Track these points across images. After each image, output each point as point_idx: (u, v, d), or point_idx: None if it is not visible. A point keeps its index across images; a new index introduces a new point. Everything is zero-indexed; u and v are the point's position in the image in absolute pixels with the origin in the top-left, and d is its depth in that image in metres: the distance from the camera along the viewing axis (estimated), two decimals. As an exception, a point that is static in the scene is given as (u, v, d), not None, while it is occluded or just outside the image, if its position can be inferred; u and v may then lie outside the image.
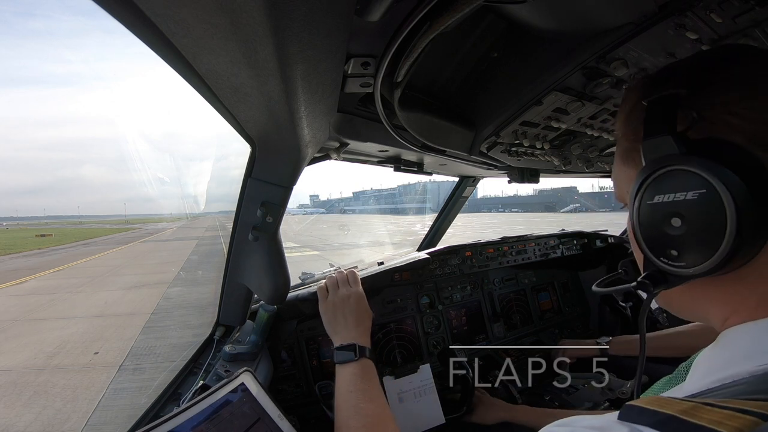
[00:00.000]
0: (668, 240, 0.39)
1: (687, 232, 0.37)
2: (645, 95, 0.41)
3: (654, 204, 0.39)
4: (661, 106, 0.39)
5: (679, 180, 0.37)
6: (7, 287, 10.75)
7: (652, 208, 0.39)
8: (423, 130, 0.87)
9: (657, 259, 0.40)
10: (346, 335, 0.94)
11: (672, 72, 0.44)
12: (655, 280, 0.42)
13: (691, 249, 0.37)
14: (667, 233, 0.38)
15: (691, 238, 0.37)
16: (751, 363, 0.33)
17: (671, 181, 0.37)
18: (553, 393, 1.50)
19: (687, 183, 0.36)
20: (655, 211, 0.39)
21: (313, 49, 0.47)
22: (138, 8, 0.37)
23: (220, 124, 0.74)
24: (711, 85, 0.39)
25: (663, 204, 0.38)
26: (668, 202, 0.38)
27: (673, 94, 0.39)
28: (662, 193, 0.38)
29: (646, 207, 0.40)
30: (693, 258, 0.37)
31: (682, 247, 0.38)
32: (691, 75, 0.41)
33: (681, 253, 0.38)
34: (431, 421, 1.27)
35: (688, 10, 0.57)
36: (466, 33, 0.78)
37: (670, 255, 0.39)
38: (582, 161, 1.33)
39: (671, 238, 0.38)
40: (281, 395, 1.32)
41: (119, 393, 4.16)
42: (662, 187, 0.38)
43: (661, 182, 0.38)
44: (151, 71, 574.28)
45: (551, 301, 2.10)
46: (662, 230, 0.39)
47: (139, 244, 25.72)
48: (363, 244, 18.95)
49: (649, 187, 0.39)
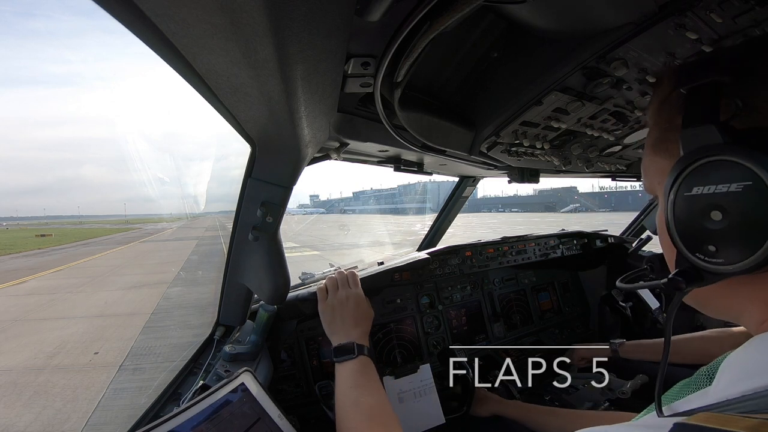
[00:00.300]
0: (706, 235, 0.37)
1: (728, 227, 0.35)
2: (682, 83, 0.40)
3: (693, 196, 0.37)
4: (702, 94, 0.38)
5: (722, 171, 0.35)
6: (7, 287, 10.75)
7: (690, 201, 0.37)
8: (423, 130, 0.87)
9: (692, 254, 0.38)
10: (345, 336, 0.94)
11: (715, 59, 0.42)
12: (688, 277, 0.39)
13: (732, 245, 0.35)
14: (706, 227, 0.36)
15: (732, 233, 0.35)
16: None
17: (713, 172, 0.35)
18: (553, 393, 1.50)
19: (731, 174, 0.34)
20: (693, 204, 0.37)
21: (313, 49, 0.47)
22: (138, 8, 0.37)
23: (220, 124, 0.74)
24: (757, 72, 0.37)
25: (703, 196, 0.36)
26: (709, 194, 0.36)
27: (716, 82, 0.37)
28: (702, 185, 0.36)
29: (683, 199, 0.38)
30: (733, 254, 0.35)
31: (722, 242, 0.36)
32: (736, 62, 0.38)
33: (720, 249, 0.36)
34: (431, 421, 1.27)
35: (688, 10, 0.57)
36: (466, 33, 0.78)
37: (707, 251, 0.37)
38: (582, 161, 1.33)
39: (710, 233, 0.36)
40: (281, 395, 1.32)
41: (119, 393, 4.16)
42: (703, 178, 0.36)
43: (702, 173, 0.36)
44: (151, 71, 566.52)
45: (551, 301, 2.10)
46: (700, 224, 0.37)
47: (139, 244, 25.72)
48: (363, 244, 18.96)
49: (688, 178, 0.37)
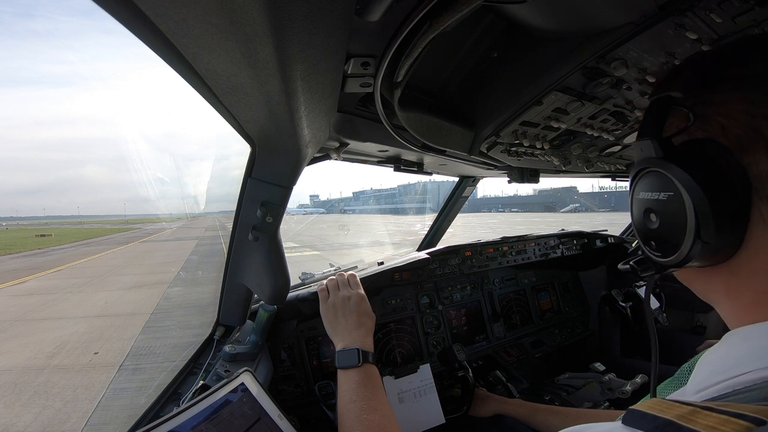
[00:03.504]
0: (649, 232, 0.43)
1: (659, 227, 0.41)
2: (650, 95, 0.44)
3: (639, 199, 0.44)
4: (655, 108, 0.42)
5: (656, 181, 0.40)
6: (7, 287, 10.75)
7: (638, 203, 0.44)
8: (423, 130, 0.87)
9: (645, 246, 0.45)
10: (347, 337, 0.93)
11: (675, 73, 0.45)
12: (643, 265, 0.46)
13: (663, 242, 0.41)
14: (647, 226, 0.43)
15: (662, 233, 0.41)
16: (763, 366, 0.32)
17: (650, 181, 0.41)
18: (553, 393, 1.50)
19: (661, 184, 0.40)
20: (639, 205, 0.44)
21: (313, 49, 0.47)
22: (138, 8, 0.37)
23: (220, 124, 0.74)
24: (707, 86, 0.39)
25: (644, 200, 0.43)
26: (648, 199, 0.42)
27: (668, 96, 0.41)
28: (645, 191, 0.42)
29: (635, 200, 0.44)
30: (664, 250, 0.41)
31: (657, 239, 0.42)
32: (690, 76, 0.42)
33: (657, 245, 0.42)
34: (431, 421, 1.27)
35: (688, 10, 0.57)
36: (466, 33, 0.78)
37: (651, 245, 0.43)
38: (582, 161, 1.33)
39: (650, 231, 0.43)
40: (281, 395, 1.31)
41: (119, 393, 4.16)
42: (645, 185, 0.42)
43: (644, 181, 0.42)
44: (151, 71, 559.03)
45: (551, 301, 2.10)
46: (645, 222, 0.43)
47: (139, 244, 25.72)
48: (363, 244, 18.97)
49: (638, 183, 0.44)
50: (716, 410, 0.28)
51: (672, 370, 0.75)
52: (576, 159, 1.28)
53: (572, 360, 1.93)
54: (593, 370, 1.62)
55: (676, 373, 0.75)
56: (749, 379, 0.32)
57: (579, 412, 1.15)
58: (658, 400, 0.33)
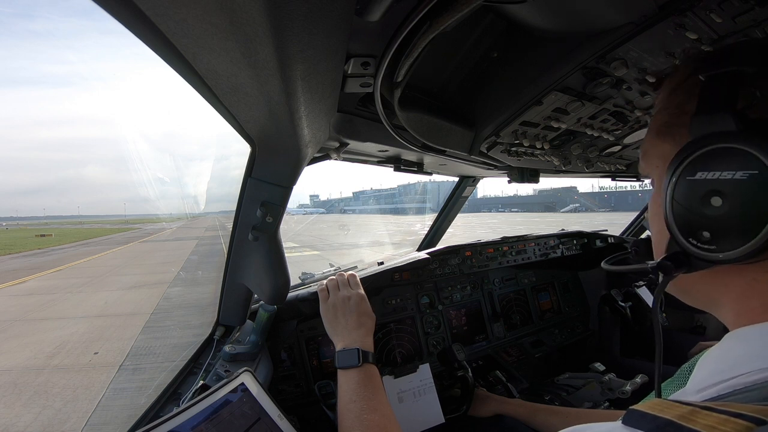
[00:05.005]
0: (703, 220, 0.37)
1: (726, 214, 0.35)
2: (701, 70, 0.40)
3: (695, 180, 0.37)
4: (721, 82, 0.38)
5: (729, 158, 0.35)
6: (7, 287, 10.75)
7: (692, 185, 0.37)
8: (423, 130, 0.87)
9: (685, 239, 0.38)
10: (347, 337, 0.93)
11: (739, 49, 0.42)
12: (678, 261, 0.39)
13: (727, 232, 0.35)
14: (704, 213, 0.37)
15: (729, 221, 0.35)
16: (762, 366, 0.32)
17: (720, 158, 0.35)
18: (553, 393, 1.50)
19: (738, 162, 0.34)
20: (694, 189, 0.37)
21: (313, 49, 0.47)
22: (138, 8, 0.37)
23: (220, 124, 0.74)
24: None
25: (706, 181, 0.36)
26: (712, 179, 0.36)
27: (738, 71, 0.37)
28: (707, 170, 0.36)
29: (684, 183, 0.38)
30: (726, 242, 0.36)
31: (717, 229, 0.36)
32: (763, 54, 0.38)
33: (714, 236, 0.36)
34: (431, 421, 1.27)
35: (688, 10, 0.57)
36: (466, 33, 0.78)
37: (700, 236, 0.37)
38: (582, 161, 1.33)
39: (707, 219, 0.37)
40: (281, 395, 1.31)
41: (119, 393, 4.16)
42: (709, 163, 0.36)
43: (709, 159, 0.36)
44: (151, 71, 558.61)
45: (551, 301, 2.10)
46: (698, 209, 0.37)
47: (139, 244, 25.71)
48: (363, 244, 18.97)
49: (693, 162, 0.37)
50: (716, 410, 0.28)
51: (672, 370, 0.75)
52: (576, 159, 1.28)
53: (572, 360, 1.93)
54: (593, 370, 1.62)
55: (676, 373, 0.75)
56: (749, 380, 0.32)
57: (579, 412, 1.15)
58: (658, 401, 0.33)
